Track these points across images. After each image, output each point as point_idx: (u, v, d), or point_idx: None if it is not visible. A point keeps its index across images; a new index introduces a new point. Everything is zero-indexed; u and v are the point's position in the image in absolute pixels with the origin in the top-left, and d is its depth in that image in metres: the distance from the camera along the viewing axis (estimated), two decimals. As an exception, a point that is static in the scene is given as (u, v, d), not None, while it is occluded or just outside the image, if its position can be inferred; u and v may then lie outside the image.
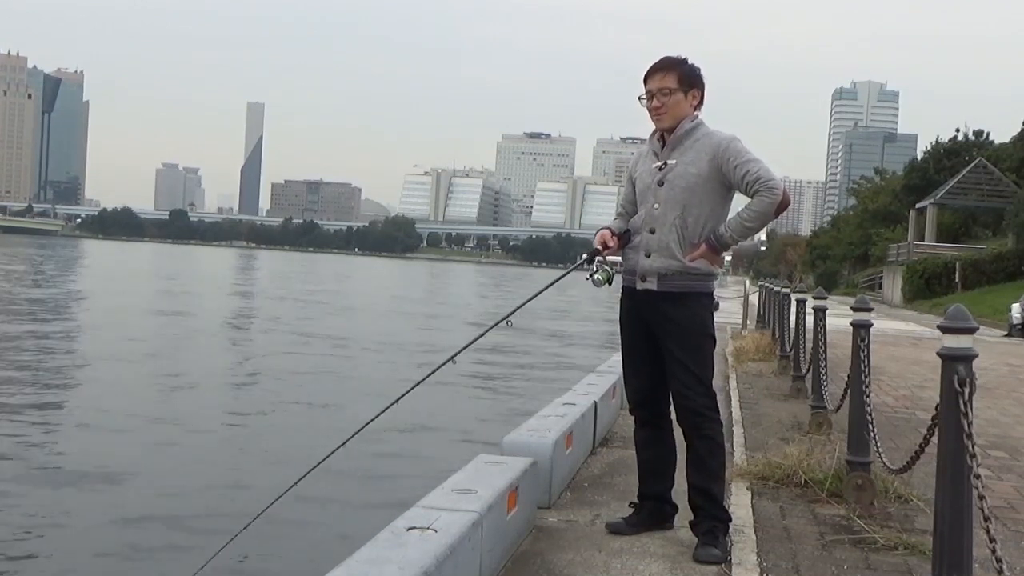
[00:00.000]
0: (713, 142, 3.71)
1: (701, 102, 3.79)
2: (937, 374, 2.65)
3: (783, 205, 3.62)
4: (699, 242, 3.71)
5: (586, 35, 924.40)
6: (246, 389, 14.44)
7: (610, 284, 3.83)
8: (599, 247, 3.81)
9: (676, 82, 3.71)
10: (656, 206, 3.75)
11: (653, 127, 3.86)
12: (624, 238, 3.86)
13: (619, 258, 3.90)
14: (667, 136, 3.78)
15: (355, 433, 3.73)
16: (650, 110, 3.76)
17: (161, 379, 15.04)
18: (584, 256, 3.87)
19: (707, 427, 3.75)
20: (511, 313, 3.81)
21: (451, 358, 3.76)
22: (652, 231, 3.75)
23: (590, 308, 37.38)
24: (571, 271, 3.87)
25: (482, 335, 3.87)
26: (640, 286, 3.78)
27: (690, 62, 3.78)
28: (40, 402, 12.54)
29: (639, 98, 3.79)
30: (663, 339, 3.76)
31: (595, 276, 3.81)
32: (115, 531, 7.23)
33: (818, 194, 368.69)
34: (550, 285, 3.97)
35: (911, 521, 4.22)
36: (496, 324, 3.87)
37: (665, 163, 3.76)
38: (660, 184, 3.75)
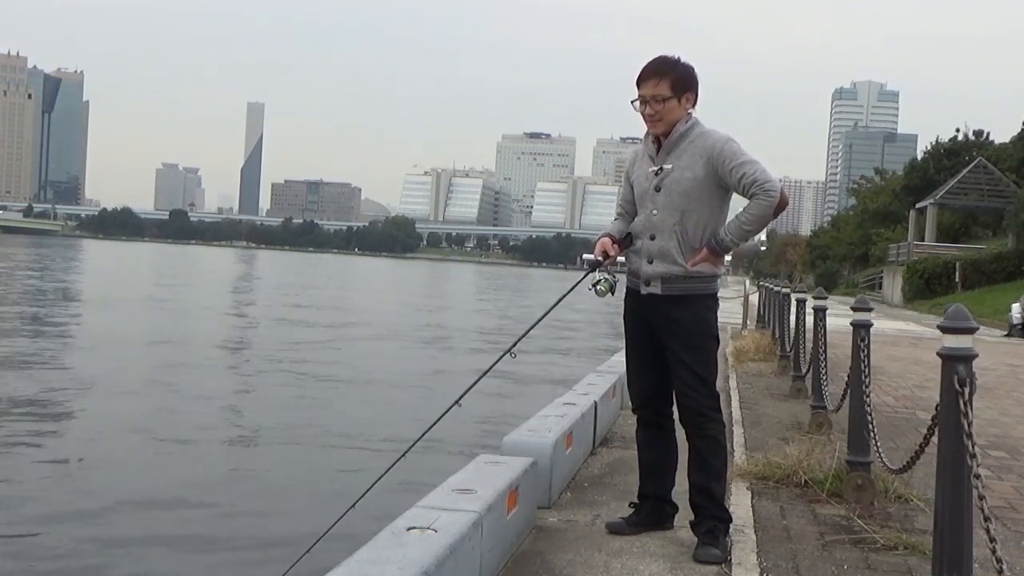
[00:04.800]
0: (708, 144, 3.69)
1: (695, 103, 3.76)
2: (937, 374, 2.65)
3: (781, 206, 3.61)
4: (700, 247, 3.70)
5: (586, 35, 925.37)
6: (286, 396, 14.32)
7: (613, 294, 3.81)
8: (600, 258, 3.81)
9: (669, 89, 3.66)
10: (654, 212, 3.74)
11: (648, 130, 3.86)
12: (625, 242, 3.85)
13: (622, 258, 3.89)
14: (662, 139, 3.77)
15: (391, 466, 3.75)
16: (643, 115, 3.73)
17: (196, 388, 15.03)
18: (586, 269, 3.86)
19: (709, 427, 3.75)
20: (515, 344, 3.79)
21: (456, 401, 3.74)
22: (652, 237, 3.74)
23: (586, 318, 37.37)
24: (574, 288, 3.84)
25: (486, 372, 3.85)
26: (644, 290, 3.78)
27: (683, 62, 3.72)
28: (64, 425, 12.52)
29: (632, 102, 3.76)
30: (667, 340, 3.76)
31: (598, 287, 3.79)
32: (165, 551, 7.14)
33: (818, 194, 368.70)
34: (553, 306, 3.92)
35: (911, 521, 4.22)
36: (500, 358, 3.84)
37: (661, 168, 3.74)
38: (657, 189, 3.73)
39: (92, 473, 9.12)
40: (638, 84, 3.72)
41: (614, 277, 3.81)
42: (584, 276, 3.83)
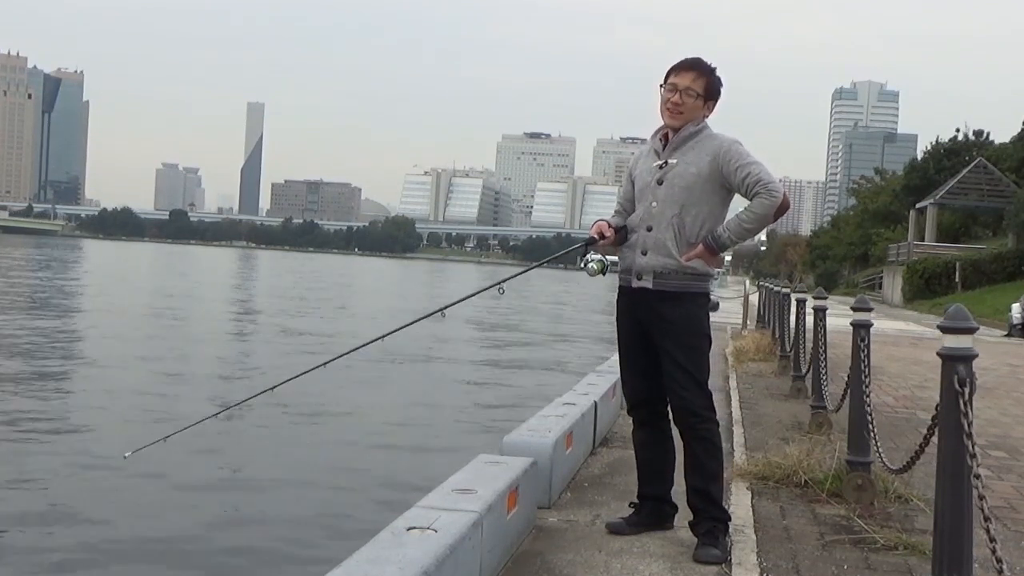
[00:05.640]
0: (715, 144, 3.72)
1: (710, 114, 3.82)
2: (937, 374, 2.65)
3: (782, 208, 3.63)
4: (696, 242, 3.71)
5: (586, 35, 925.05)
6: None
7: (604, 274, 3.84)
8: (595, 236, 3.83)
9: (703, 88, 3.73)
10: (654, 204, 3.75)
11: (655, 127, 3.87)
12: (621, 234, 3.86)
13: (615, 258, 3.91)
14: (671, 135, 3.79)
15: (328, 361, 3.90)
16: (669, 103, 3.74)
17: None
18: (579, 245, 3.91)
19: (703, 427, 3.74)
20: (503, 281, 3.87)
21: (440, 310, 3.86)
22: (649, 229, 3.75)
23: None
24: (563, 254, 3.94)
25: (472, 295, 3.97)
26: (636, 284, 3.78)
27: (717, 73, 3.79)
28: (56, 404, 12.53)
29: (660, 85, 3.78)
30: (659, 339, 3.76)
31: (589, 265, 3.83)
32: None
33: (818, 194, 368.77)
34: (541, 263, 4.03)
35: (911, 521, 4.22)
36: (487, 288, 3.94)
37: (666, 162, 3.77)
38: (659, 183, 3.76)
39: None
40: (675, 71, 3.76)
41: (605, 261, 3.84)
42: (574, 248, 3.89)
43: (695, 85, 3.72)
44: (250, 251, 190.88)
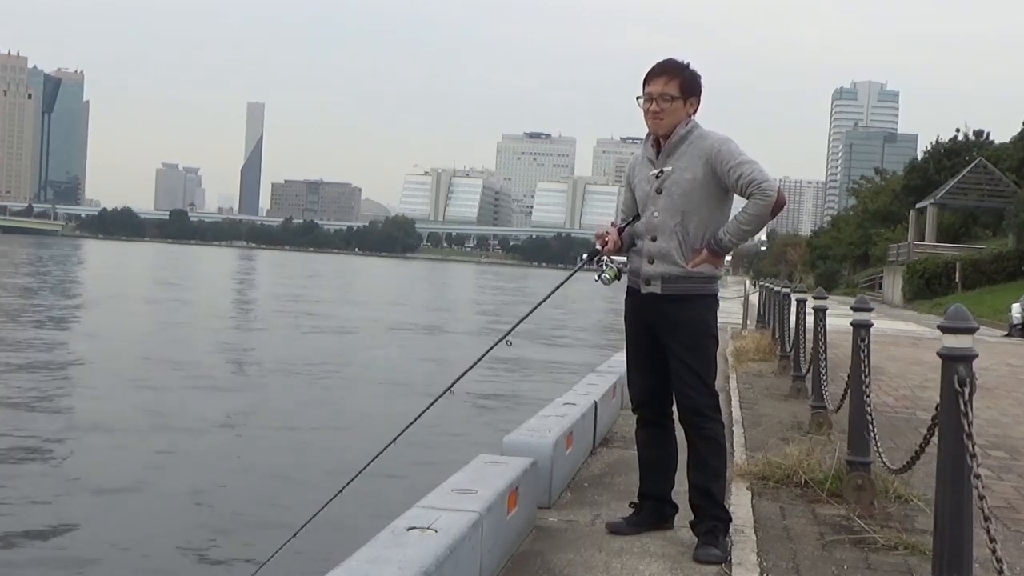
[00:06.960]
0: (706, 145, 3.71)
1: (697, 108, 3.79)
2: (937, 374, 2.65)
3: (778, 205, 3.63)
4: (700, 247, 3.71)
5: (586, 34, 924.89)
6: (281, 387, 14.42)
7: (619, 279, 3.84)
8: (599, 247, 3.82)
9: (678, 90, 3.70)
10: (656, 214, 3.75)
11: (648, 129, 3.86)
12: (627, 237, 3.86)
13: (624, 258, 3.91)
14: (662, 142, 3.78)
15: (379, 453, 3.96)
16: (647, 113, 3.74)
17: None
18: (585, 256, 3.89)
19: (708, 427, 3.75)
20: (509, 331, 3.83)
21: (449, 388, 3.84)
22: (654, 239, 3.75)
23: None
24: (574, 273, 3.90)
25: (481, 358, 3.90)
26: (644, 290, 3.79)
27: (692, 68, 3.76)
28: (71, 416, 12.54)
29: (637, 98, 3.78)
30: (666, 339, 3.76)
31: (603, 276, 3.84)
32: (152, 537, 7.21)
33: (818, 194, 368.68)
34: (548, 296, 3.99)
35: (911, 521, 4.22)
36: (495, 345, 3.89)
37: (662, 171, 3.76)
38: (658, 192, 3.75)
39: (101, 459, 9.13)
40: (647, 81, 3.74)
41: (616, 266, 3.84)
42: (581, 264, 3.88)
43: (668, 88, 3.69)
44: (250, 251, 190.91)
